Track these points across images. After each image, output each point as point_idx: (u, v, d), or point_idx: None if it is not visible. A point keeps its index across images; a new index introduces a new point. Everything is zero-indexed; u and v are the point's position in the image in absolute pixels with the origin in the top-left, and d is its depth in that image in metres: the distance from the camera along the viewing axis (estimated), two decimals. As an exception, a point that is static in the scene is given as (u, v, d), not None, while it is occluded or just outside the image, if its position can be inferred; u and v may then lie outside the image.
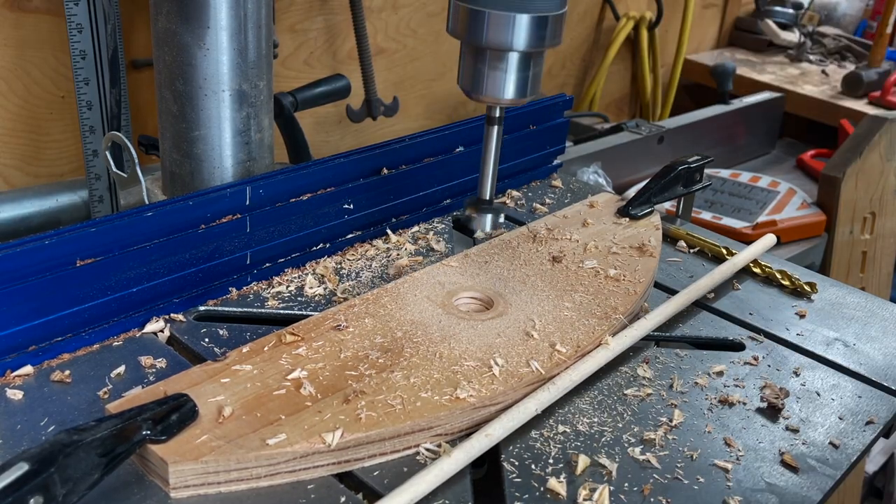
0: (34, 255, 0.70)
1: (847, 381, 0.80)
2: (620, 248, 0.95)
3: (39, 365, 0.71)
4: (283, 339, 0.73)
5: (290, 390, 0.67)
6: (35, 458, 0.50)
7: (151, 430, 0.59)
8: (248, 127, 0.91)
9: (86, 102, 1.08)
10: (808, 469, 0.68)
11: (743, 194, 1.70)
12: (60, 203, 1.12)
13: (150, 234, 0.77)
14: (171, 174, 0.94)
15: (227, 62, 0.87)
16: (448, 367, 0.72)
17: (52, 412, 0.66)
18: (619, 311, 0.82)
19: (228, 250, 0.83)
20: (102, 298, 0.75)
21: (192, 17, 0.85)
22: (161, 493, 0.60)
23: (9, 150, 1.14)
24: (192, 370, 0.69)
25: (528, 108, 1.14)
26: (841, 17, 2.70)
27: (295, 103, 1.21)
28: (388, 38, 1.56)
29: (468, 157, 1.06)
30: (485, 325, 0.78)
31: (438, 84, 1.71)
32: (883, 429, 0.75)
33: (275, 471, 0.61)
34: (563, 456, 0.67)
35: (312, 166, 0.91)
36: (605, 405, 0.73)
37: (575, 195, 1.15)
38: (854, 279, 1.76)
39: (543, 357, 0.74)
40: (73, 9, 1.03)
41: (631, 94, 2.25)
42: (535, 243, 0.95)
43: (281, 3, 1.35)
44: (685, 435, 0.70)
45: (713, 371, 0.79)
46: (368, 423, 0.64)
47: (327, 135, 1.53)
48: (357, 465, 0.64)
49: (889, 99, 2.11)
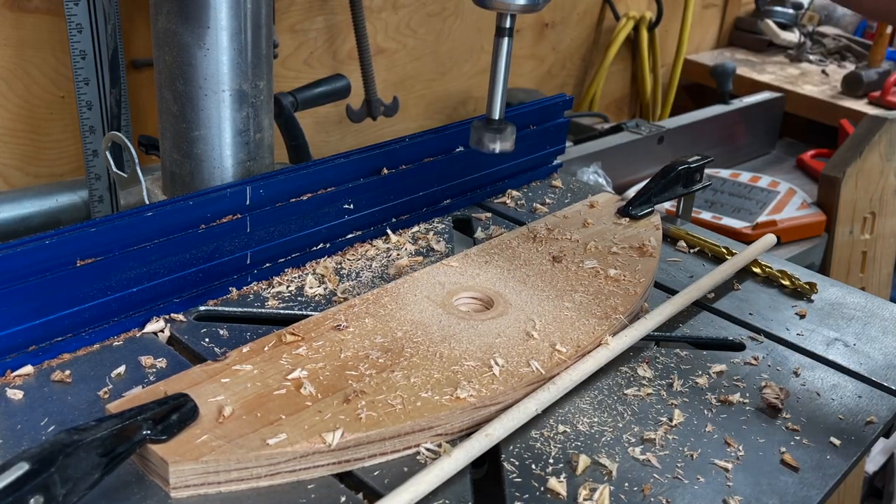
0: (34, 255, 0.70)
1: (847, 381, 0.80)
2: (620, 248, 0.95)
3: (40, 365, 0.71)
4: (283, 338, 0.73)
5: (291, 390, 0.67)
6: (35, 458, 0.50)
7: (152, 430, 0.59)
8: (248, 127, 0.91)
9: (86, 102, 1.08)
10: (807, 469, 0.68)
11: (743, 194, 1.69)
12: (60, 203, 1.12)
13: (150, 234, 0.77)
14: (171, 174, 0.94)
15: (227, 62, 0.87)
16: (448, 367, 0.72)
17: (53, 412, 0.66)
18: (619, 311, 0.82)
19: (228, 250, 0.83)
20: (102, 298, 0.75)
21: (192, 17, 0.85)
22: (161, 493, 0.60)
23: (9, 150, 1.14)
24: (192, 370, 0.69)
25: (528, 108, 1.14)
26: (841, 17, 2.70)
27: (295, 103, 1.21)
28: (388, 38, 1.56)
29: (468, 157, 1.06)
30: (485, 325, 0.78)
31: (438, 84, 1.71)
32: (883, 429, 0.75)
33: (275, 470, 0.61)
34: (564, 456, 0.67)
35: (312, 166, 0.91)
36: (606, 405, 0.73)
37: (575, 195, 1.15)
38: (854, 279, 1.76)
39: (543, 357, 0.74)
40: (73, 9, 1.03)
41: (631, 94, 2.26)
42: (535, 243, 0.95)
43: (281, 3, 1.35)
44: (685, 435, 0.70)
45: (713, 371, 0.79)
46: (368, 422, 0.64)
47: (327, 135, 1.53)
48: (357, 465, 0.64)
49: (889, 99, 2.11)
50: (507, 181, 1.14)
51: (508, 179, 1.14)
